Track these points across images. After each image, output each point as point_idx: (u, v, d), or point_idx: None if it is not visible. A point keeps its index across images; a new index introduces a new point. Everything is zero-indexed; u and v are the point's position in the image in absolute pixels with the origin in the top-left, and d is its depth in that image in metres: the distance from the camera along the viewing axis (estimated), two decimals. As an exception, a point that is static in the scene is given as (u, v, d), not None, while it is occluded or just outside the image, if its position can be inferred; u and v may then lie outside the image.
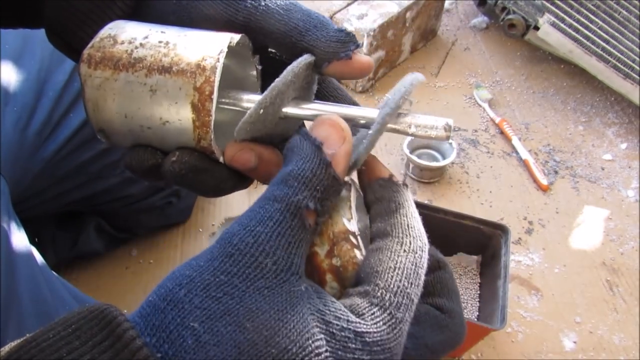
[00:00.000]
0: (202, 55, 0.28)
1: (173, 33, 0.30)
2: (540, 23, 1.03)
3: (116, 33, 0.29)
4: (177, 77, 0.28)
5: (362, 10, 1.04)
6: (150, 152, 0.30)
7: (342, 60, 0.30)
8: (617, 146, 1.02)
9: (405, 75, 0.31)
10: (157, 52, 0.28)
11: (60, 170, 0.61)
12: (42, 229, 0.70)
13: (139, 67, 0.28)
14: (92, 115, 0.30)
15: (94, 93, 0.29)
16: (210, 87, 0.28)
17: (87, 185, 0.65)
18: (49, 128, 0.58)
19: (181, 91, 0.28)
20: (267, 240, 0.24)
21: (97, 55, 0.29)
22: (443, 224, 0.74)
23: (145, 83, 0.28)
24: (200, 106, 0.28)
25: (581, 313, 0.77)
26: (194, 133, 0.29)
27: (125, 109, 0.29)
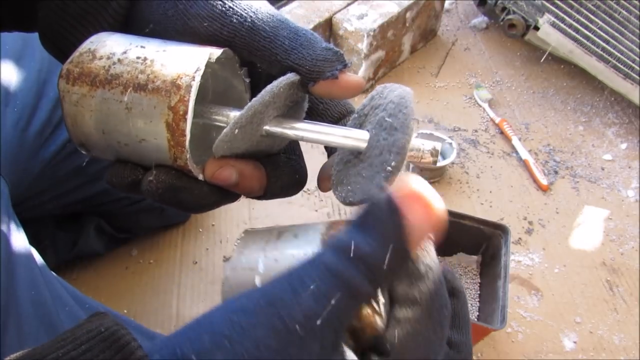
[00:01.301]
0: (179, 72, 0.27)
1: (153, 48, 0.29)
2: (540, 23, 1.03)
3: (96, 47, 0.29)
4: (152, 95, 0.27)
5: (362, 10, 1.04)
6: (130, 168, 0.30)
7: (329, 80, 0.29)
8: (617, 146, 1.02)
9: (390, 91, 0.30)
10: (134, 68, 0.28)
11: (60, 171, 0.61)
12: (42, 230, 0.70)
13: (115, 84, 0.28)
14: (71, 129, 0.30)
15: (72, 109, 0.29)
16: (185, 107, 0.27)
17: (87, 186, 0.65)
18: (49, 129, 0.58)
19: (156, 110, 0.27)
20: (321, 323, 0.22)
21: (75, 70, 0.29)
22: (443, 224, 0.74)
23: (121, 100, 0.28)
24: (174, 126, 0.27)
25: (581, 313, 0.77)
26: (170, 152, 0.28)
27: (102, 126, 0.29)
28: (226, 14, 0.30)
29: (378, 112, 0.30)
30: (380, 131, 0.29)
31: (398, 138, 0.28)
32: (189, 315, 0.75)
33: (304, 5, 1.05)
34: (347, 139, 0.29)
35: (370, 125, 0.30)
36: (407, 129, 0.28)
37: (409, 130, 0.28)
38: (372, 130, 0.29)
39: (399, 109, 0.29)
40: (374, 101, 0.31)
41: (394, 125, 0.28)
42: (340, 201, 0.30)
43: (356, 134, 0.30)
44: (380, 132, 0.29)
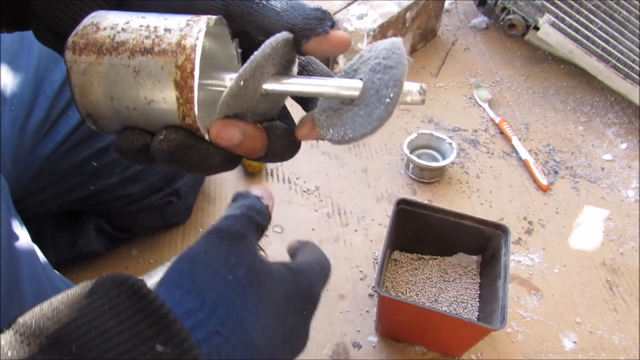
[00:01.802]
0: (182, 34, 0.29)
1: (153, 18, 0.31)
2: (540, 23, 1.03)
3: (98, 21, 0.30)
4: (159, 57, 0.29)
5: (362, 10, 1.04)
6: (139, 133, 0.31)
7: (320, 36, 0.30)
8: (617, 146, 1.02)
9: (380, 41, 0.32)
10: (138, 35, 0.29)
11: (59, 168, 0.61)
12: (42, 229, 0.70)
13: (121, 50, 0.29)
14: (79, 100, 0.31)
15: (79, 78, 0.30)
16: (192, 64, 0.29)
17: (86, 184, 0.65)
18: (47, 126, 0.58)
19: (163, 70, 0.29)
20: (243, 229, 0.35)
21: (80, 41, 0.30)
22: (443, 224, 0.74)
23: (129, 65, 0.29)
24: (182, 83, 0.29)
25: (581, 313, 0.77)
26: (179, 111, 0.29)
27: (110, 92, 0.30)
28: None
29: (369, 62, 0.31)
30: (374, 75, 0.30)
31: (394, 73, 0.29)
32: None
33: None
34: (341, 88, 0.31)
35: (362, 74, 0.31)
36: (402, 65, 0.29)
37: (404, 66, 0.29)
38: (365, 76, 0.31)
39: (392, 51, 0.30)
40: (362, 58, 0.32)
41: (388, 64, 0.30)
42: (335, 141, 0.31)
43: (350, 83, 0.31)
44: (374, 75, 0.30)
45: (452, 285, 0.76)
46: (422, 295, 0.74)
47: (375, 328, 0.74)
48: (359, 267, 0.81)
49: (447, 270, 0.78)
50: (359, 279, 0.80)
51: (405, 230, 0.75)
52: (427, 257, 0.79)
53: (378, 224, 0.87)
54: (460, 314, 0.72)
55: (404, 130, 1.01)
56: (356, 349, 0.72)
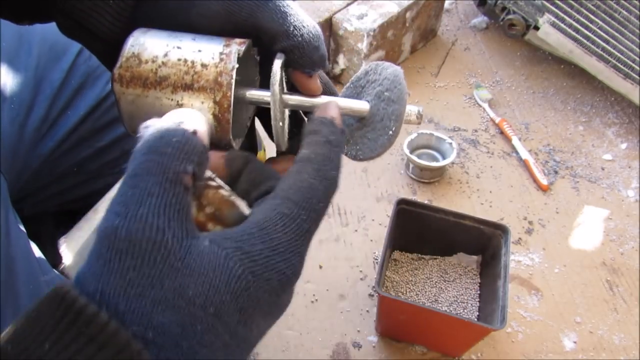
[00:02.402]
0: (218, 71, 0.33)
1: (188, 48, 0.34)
2: (540, 23, 1.03)
3: (139, 51, 0.34)
4: (199, 92, 0.33)
5: (362, 10, 1.04)
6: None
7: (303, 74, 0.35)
8: (617, 146, 1.02)
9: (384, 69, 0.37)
10: (178, 70, 0.33)
11: (59, 167, 0.61)
12: (41, 228, 0.70)
13: (165, 85, 0.33)
14: (128, 123, 0.35)
15: (128, 107, 0.34)
16: (228, 101, 0.33)
17: (86, 184, 0.65)
18: (46, 125, 0.58)
19: (203, 105, 0.33)
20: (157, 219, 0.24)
21: (126, 74, 0.33)
22: (443, 224, 0.74)
23: (172, 99, 0.33)
24: (220, 116, 0.33)
25: (581, 313, 0.77)
26: (215, 137, 0.33)
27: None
28: None
29: (375, 86, 0.36)
30: (380, 102, 0.35)
31: (396, 108, 0.35)
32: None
33: (303, 5, 1.05)
34: (353, 108, 0.36)
35: (369, 97, 0.37)
36: (402, 101, 0.35)
37: (404, 102, 0.35)
38: (372, 101, 0.36)
39: (394, 85, 0.35)
40: (369, 76, 0.38)
41: (391, 98, 0.35)
42: (350, 157, 0.37)
43: (359, 105, 0.36)
44: (380, 103, 0.35)
45: (452, 285, 0.76)
46: (422, 295, 0.74)
47: (375, 328, 0.74)
48: (359, 267, 0.81)
49: (447, 270, 0.78)
50: (359, 279, 0.80)
51: (405, 230, 0.75)
52: (427, 257, 0.79)
53: (378, 224, 0.87)
54: (460, 314, 0.72)
55: (404, 130, 1.01)
56: (356, 349, 0.72)
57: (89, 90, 0.61)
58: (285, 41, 0.34)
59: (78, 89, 0.60)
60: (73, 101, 0.60)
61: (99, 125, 0.62)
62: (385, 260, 0.69)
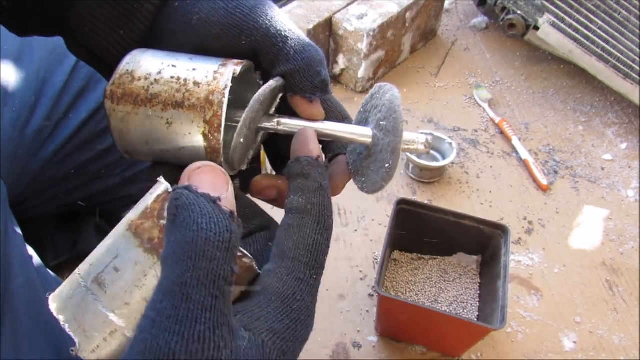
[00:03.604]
0: (210, 89, 0.32)
1: (183, 67, 0.33)
2: (540, 23, 1.03)
3: (133, 69, 0.33)
4: (189, 111, 0.32)
5: (362, 10, 1.04)
6: (171, 169, 0.34)
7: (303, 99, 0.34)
8: (617, 146, 1.02)
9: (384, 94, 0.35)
10: (170, 87, 0.32)
11: (59, 170, 0.61)
12: (41, 230, 0.70)
13: (155, 102, 0.32)
14: (118, 141, 0.34)
15: (118, 124, 0.33)
16: (218, 120, 0.32)
17: (87, 186, 0.65)
18: (48, 128, 0.58)
19: (193, 124, 0.32)
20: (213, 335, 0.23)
21: (118, 91, 0.33)
22: (443, 224, 0.74)
23: (162, 117, 0.32)
24: (210, 136, 0.32)
25: (581, 313, 0.77)
26: (207, 157, 0.33)
27: (146, 137, 0.33)
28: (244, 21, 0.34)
29: (376, 113, 0.35)
30: (379, 131, 0.34)
31: (391, 140, 0.33)
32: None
33: (303, 5, 1.05)
34: (355, 135, 0.35)
35: (372, 124, 0.35)
36: (397, 132, 0.33)
37: (399, 133, 0.33)
38: (373, 129, 0.34)
39: (389, 113, 0.33)
40: (373, 100, 0.36)
41: (387, 127, 0.33)
42: (358, 188, 0.35)
43: (361, 131, 0.35)
44: (379, 132, 0.34)
45: (452, 285, 0.76)
46: (422, 295, 0.74)
47: (375, 328, 0.74)
48: (359, 267, 0.81)
49: (447, 270, 0.78)
50: (359, 279, 0.80)
51: (405, 230, 0.75)
52: (427, 257, 0.79)
53: (378, 224, 0.87)
54: (460, 314, 0.72)
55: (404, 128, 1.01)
56: (356, 349, 0.72)
57: (90, 93, 0.61)
58: (285, 65, 0.33)
59: (80, 92, 0.61)
60: (75, 104, 0.60)
61: (101, 128, 0.62)
62: (385, 260, 0.69)
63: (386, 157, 0.33)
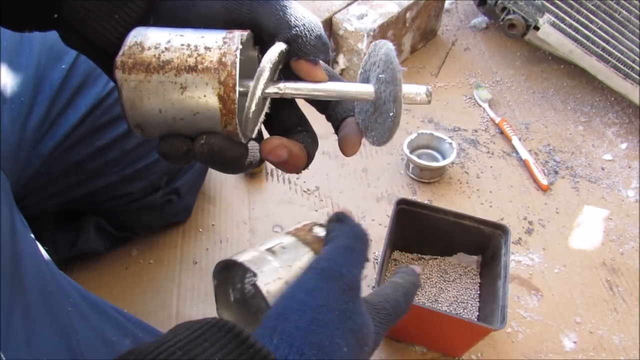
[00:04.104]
0: (222, 52, 0.33)
1: (191, 36, 0.34)
2: (540, 23, 1.03)
3: (141, 40, 0.33)
4: (203, 74, 0.32)
5: (362, 10, 1.04)
6: (183, 139, 0.35)
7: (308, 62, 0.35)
8: (617, 146, 1.02)
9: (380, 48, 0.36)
10: (181, 53, 0.33)
11: (58, 167, 0.61)
12: (42, 229, 0.70)
13: (168, 68, 0.33)
14: (129, 113, 0.34)
15: (130, 94, 0.33)
16: (233, 80, 0.32)
17: (86, 183, 0.65)
18: (47, 124, 0.58)
19: (208, 86, 0.32)
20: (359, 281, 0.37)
21: (129, 61, 0.33)
22: (443, 224, 0.74)
23: (176, 82, 0.33)
24: (225, 97, 0.32)
25: (581, 313, 0.77)
26: (221, 120, 0.33)
27: (159, 105, 0.33)
28: None
29: (375, 69, 0.36)
30: (380, 85, 0.35)
31: (392, 89, 0.34)
32: (188, 315, 0.75)
33: (304, 5, 1.04)
34: (358, 92, 0.36)
35: (373, 80, 0.36)
36: (396, 81, 0.34)
37: (398, 81, 0.34)
38: (375, 84, 0.36)
39: (386, 65, 0.34)
40: (371, 58, 0.37)
41: (387, 79, 0.34)
42: (370, 143, 0.37)
43: (364, 88, 0.36)
44: (380, 85, 0.35)
45: (452, 285, 0.76)
46: (422, 295, 0.74)
47: (375, 328, 0.74)
48: (359, 267, 0.81)
49: (447, 270, 0.78)
50: (359, 278, 0.79)
51: (405, 230, 0.75)
52: (427, 257, 0.79)
53: (378, 224, 0.87)
54: (460, 314, 0.72)
55: (404, 130, 1.01)
56: (356, 348, 0.72)
57: (89, 90, 0.61)
58: (287, 31, 0.34)
59: (78, 88, 0.60)
60: (73, 100, 0.60)
61: (100, 125, 0.62)
62: (385, 260, 0.69)
63: (390, 107, 0.34)
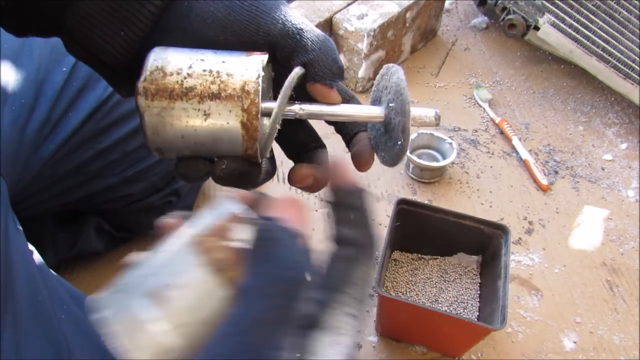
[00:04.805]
0: (244, 80, 0.33)
1: (212, 60, 0.34)
2: (540, 23, 1.03)
3: (162, 65, 0.33)
4: (227, 101, 0.33)
5: (362, 10, 1.04)
6: (202, 162, 0.35)
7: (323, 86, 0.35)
8: (617, 146, 1.02)
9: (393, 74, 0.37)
10: (204, 80, 0.33)
11: (59, 169, 0.61)
12: (42, 229, 0.70)
13: (191, 95, 0.33)
14: (151, 138, 0.34)
15: (153, 120, 0.33)
16: (256, 108, 0.33)
17: (87, 185, 0.65)
18: (47, 127, 0.58)
19: (231, 113, 0.33)
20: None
21: (151, 87, 0.33)
22: (443, 224, 0.74)
23: (199, 109, 0.33)
24: (248, 124, 0.33)
25: (581, 313, 0.77)
26: (243, 145, 0.34)
27: (182, 131, 0.33)
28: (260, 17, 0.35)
29: (386, 94, 0.37)
30: (390, 111, 0.36)
31: (401, 120, 0.34)
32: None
33: (304, 5, 1.05)
34: (369, 116, 0.37)
35: (384, 104, 0.37)
36: (405, 113, 0.34)
37: (407, 114, 0.34)
38: (385, 109, 0.36)
39: (396, 95, 0.35)
40: (383, 81, 0.38)
41: (396, 109, 0.35)
42: (380, 162, 0.38)
43: (375, 112, 0.37)
44: (390, 112, 0.36)
45: (452, 285, 0.76)
46: (422, 295, 0.74)
47: (375, 328, 0.74)
48: (359, 267, 0.81)
49: (447, 270, 0.78)
50: (359, 279, 0.79)
51: (405, 230, 0.75)
52: (427, 257, 0.79)
53: (378, 224, 0.87)
54: (461, 314, 0.72)
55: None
56: (356, 349, 0.72)
57: (90, 92, 0.61)
58: (304, 55, 0.35)
59: (80, 91, 0.60)
60: (74, 103, 0.60)
61: (100, 127, 0.62)
62: (385, 260, 0.69)
63: (398, 136, 0.35)
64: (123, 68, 0.37)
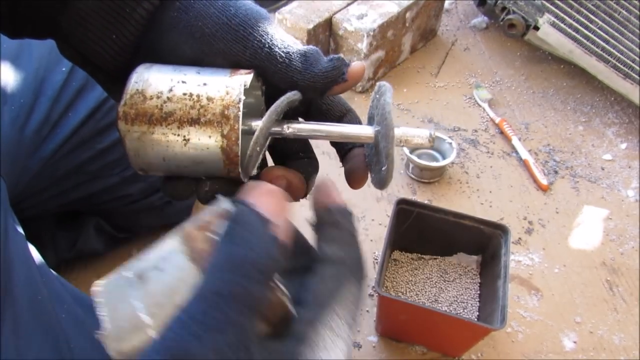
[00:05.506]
0: (224, 104, 0.32)
1: (193, 82, 0.33)
2: (540, 23, 1.03)
3: (143, 88, 0.33)
4: (206, 127, 0.32)
5: (362, 10, 1.04)
6: (186, 183, 0.35)
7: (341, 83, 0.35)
8: (617, 146, 1.02)
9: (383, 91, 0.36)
10: (184, 105, 0.32)
11: (59, 169, 0.61)
12: (41, 229, 0.70)
13: (170, 121, 0.32)
14: (133, 160, 0.34)
15: (134, 144, 0.33)
16: (236, 134, 0.32)
17: (86, 185, 0.65)
18: (47, 127, 0.58)
19: (211, 139, 0.32)
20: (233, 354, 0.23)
21: (131, 112, 0.32)
22: (443, 224, 0.74)
23: (179, 134, 0.32)
24: (228, 150, 0.32)
25: (581, 313, 0.77)
26: (224, 168, 0.33)
27: (162, 155, 0.33)
28: (247, 38, 0.34)
29: (376, 114, 0.36)
30: (378, 134, 0.35)
31: (384, 146, 0.33)
32: (188, 315, 0.75)
33: (304, 5, 1.05)
34: (359, 136, 0.36)
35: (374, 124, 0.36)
36: (389, 139, 0.33)
37: (390, 140, 0.33)
38: (374, 130, 0.35)
39: (382, 119, 0.34)
40: (375, 100, 0.37)
41: (382, 133, 0.34)
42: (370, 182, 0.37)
43: (365, 132, 0.35)
44: (378, 134, 0.35)
45: (452, 285, 0.76)
46: (422, 295, 0.74)
47: (375, 328, 0.74)
48: (359, 267, 0.81)
49: (447, 270, 0.78)
50: (359, 279, 0.80)
51: (405, 230, 0.75)
52: (427, 257, 0.79)
53: (378, 224, 0.87)
54: (460, 314, 0.72)
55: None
56: (356, 349, 0.72)
57: (89, 93, 0.61)
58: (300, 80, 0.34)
59: (79, 91, 0.61)
60: (74, 103, 0.60)
61: (100, 127, 0.62)
62: (385, 260, 0.69)
63: (383, 161, 0.34)
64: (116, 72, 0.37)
